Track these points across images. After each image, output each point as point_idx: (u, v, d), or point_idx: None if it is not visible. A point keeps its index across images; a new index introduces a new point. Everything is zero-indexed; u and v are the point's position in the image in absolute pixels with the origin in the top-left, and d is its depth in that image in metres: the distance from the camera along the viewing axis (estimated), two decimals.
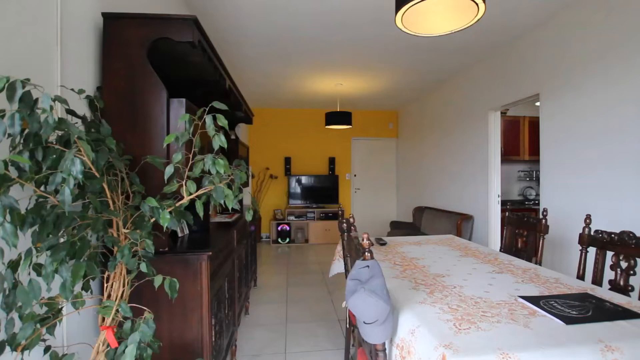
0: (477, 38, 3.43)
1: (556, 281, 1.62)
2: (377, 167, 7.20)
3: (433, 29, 1.78)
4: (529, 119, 5.01)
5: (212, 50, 2.01)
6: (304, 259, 5.21)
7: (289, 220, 6.35)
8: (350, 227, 1.83)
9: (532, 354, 0.96)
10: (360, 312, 1.19)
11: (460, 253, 2.20)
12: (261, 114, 6.58)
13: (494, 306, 1.30)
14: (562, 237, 2.90)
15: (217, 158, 1.28)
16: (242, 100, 3.08)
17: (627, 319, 1.18)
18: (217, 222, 2.53)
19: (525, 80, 3.41)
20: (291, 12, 2.87)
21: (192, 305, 1.57)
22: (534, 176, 5.30)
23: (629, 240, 1.67)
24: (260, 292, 3.67)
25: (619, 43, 2.45)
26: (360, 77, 4.76)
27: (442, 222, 4.58)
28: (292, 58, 3.95)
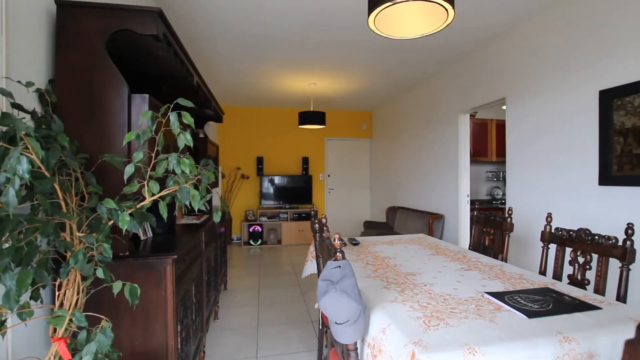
0: (448, 43, 3.53)
1: (520, 277, 1.67)
2: (351, 167, 7.25)
3: (405, 32, 1.80)
4: (496, 122, 5.22)
5: (178, 44, 1.94)
6: (277, 261, 5.15)
7: (261, 221, 6.25)
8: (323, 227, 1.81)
9: (497, 347, 0.98)
10: (332, 312, 1.17)
11: (431, 252, 2.24)
12: (232, 112, 6.45)
13: (462, 302, 1.32)
14: (526, 234, 3.03)
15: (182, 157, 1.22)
16: (212, 98, 2.99)
17: (584, 311, 1.24)
18: (184, 224, 2.44)
19: (492, 85, 3.54)
20: (264, 9, 2.82)
21: (156, 312, 1.49)
22: (500, 177, 5.52)
23: (586, 237, 1.76)
24: (231, 296, 3.58)
25: (577, 53, 2.60)
26: (334, 78, 4.77)
27: (415, 222, 4.68)
28: (265, 56, 3.89)
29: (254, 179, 6.63)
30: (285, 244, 6.28)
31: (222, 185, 6.23)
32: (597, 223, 2.38)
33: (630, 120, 2.22)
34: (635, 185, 2.18)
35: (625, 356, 0.57)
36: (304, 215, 6.41)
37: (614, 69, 2.32)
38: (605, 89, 2.36)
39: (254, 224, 6.17)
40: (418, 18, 1.73)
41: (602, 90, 2.39)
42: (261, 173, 6.54)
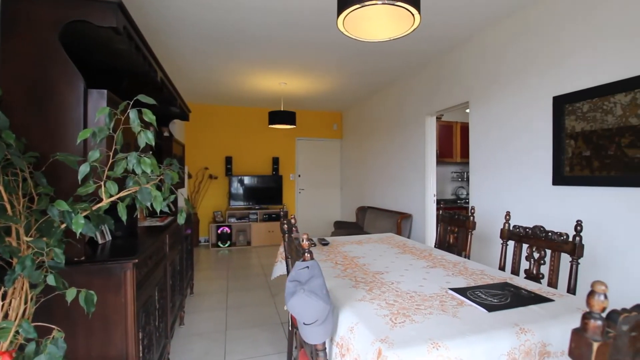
0: (415, 47, 3.63)
1: (481, 273, 1.75)
2: (322, 167, 7.27)
3: (373, 34, 1.83)
4: (460, 124, 5.44)
5: (140, 38, 1.85)
6: (246, 262, 5.07)
7: (230, 222, 6.13)
8: (292, 228, 1.80)
9: (459, 341, 1.02)
10: (300, 313, 1.17)
11: (399, 250, 2.29)
12: (200, 110, 6.28)
13: (427, 299, 1.36)
14: (488, 232, 3.17)
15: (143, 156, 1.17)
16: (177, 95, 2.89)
17: (538, 303, 1.31)
18: (146, 227, 2.34)
19: (457, 89, 3.68)
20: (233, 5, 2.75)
21: (115, 319, 1.42)
22: (465, 177, 5.76)
23: (540, 234, 1.87)
24: (198, 300, 3.48)
25: (533, 61, 2.76)
26: (305, 78, 4.77)
27: (384, 221, 4.77)
28: (234, 53, 3.81)
29: (222, 180, 6.49)
30: (255, 245, 6.20)
31: (188, 185, 6.04)
32: (551, 220, 2.54)
33: (580, 125, 2.38)
34: (585, 185, 2.34)
35: (572, 344, 0.61)
36: (274, 216, 6.35)
37: (565, 77, 2.48)
38: (558, 95, 2.53)
39: (223, 226, 6.03)
40: (386, 21, 1.77)
41: (555, 97, 2.55)
42: (230, 173, 6.40)
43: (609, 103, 2.20)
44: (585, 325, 0.59)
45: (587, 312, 0.60)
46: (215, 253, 5.70)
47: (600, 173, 2.24)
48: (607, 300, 0.58)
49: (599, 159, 2.26)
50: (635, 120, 2.05)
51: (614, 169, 2.17)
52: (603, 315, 0.60)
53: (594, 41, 2.28)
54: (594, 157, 2.29)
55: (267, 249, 5.93)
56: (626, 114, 2.10)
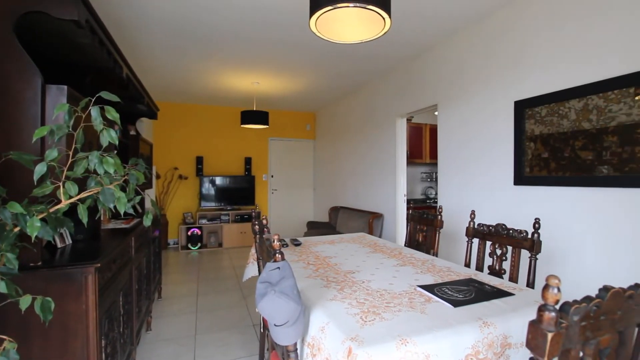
0: (387, 50, 3.70)
1: (448, 270, 1.81)
2: (295, 168, 7.26)
3: (345, 36, 1.86)
4: (429, 126, 5.61)
5: (105, 32, 1.77)
6: (217, 265, 4.96)
7: (200, 223, 5.97)
8: (263, 228, 1.78)
9: (426, 336, 1.05)
10: (271, 314, 1.16)
11: (370, 250, 2.33)
12: (169, 108, 6.09)
13: (396, 297, 1.39)
14: (455, 230, 3.29)
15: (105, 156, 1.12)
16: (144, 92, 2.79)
17: (500, 297, 1.38)
18: (110, 229, 2.23)
19: (426, 91, 3.79)
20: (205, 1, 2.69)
21: (76, 327, 1.34)
22: (434, 177, 5.94)
23: (502, 232, 1.97)
24: (166, 304, 3.37)
25: (496, 67, 2.89)
26: (278, 78, 4.74)
27: (356, 221, 4.82)
28: (205, 50, 3.72)
29: (193, 180, 6.32)
30: (227, 246, 6.08)
31: (156, 186, 5.84)
32: (513, 218, 2.67)
33: (538, 128, 2.53)
34: (543, 185, 2.49)
35: (529, 335, 0.65)
36: (246, 217, 6.26)
37: (525, 83, 2.62)
38: (519, 100, 2.66)
39: (193, 227, 5.87)
40: (358, 24, 1.80)
41: (516, 101, 2.69)
42: (201, 173, 6.25)
43: (564, 108, 2.34)
44: (540, 317, 0.63)
45: (542, 304, 0.64)
46: (185, 255, 5.54)
47: (557, 174, 2.39)
48: (560, 293, 0.63)
49: (555, 160, 2.40)
50: (587, 124, 2.20)
51: (569, 170, 2.31)
52: (557, 307, 0.64)
53: (551, 50, 2.43)
54: (551, 159, 2.43)
55: (239, 251, 5.84)
56: (579, 118, 2.25)
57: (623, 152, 2.01)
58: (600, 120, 2.12)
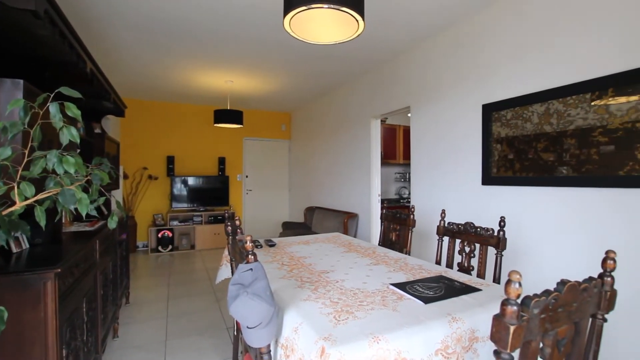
0: (362, 52, 3.74)
1: (420, 267, 1.86)
2: (270, 168, 7.19)
3: (319, 37, 1.86)
4: (403, 127, 5.73)
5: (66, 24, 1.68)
6: (189, 267, 4.83)
7: (172, 225, 5.79)
8: (236, 229, 1.76)
9: (397, 333, 1.07)
10: (243, 316, 1.14)
11: (344, 249, 2.34)
12: (139, 106, 5.87)
13: (369, 295, 1.41)
14: (427, 229, 3.38)
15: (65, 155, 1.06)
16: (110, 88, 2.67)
17: (468, 293, 1.42)
18: (73, 232, 2.12)
19: (400, 94, 3.87)
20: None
21: (33, 336, 1.27)
22: (407, 177, 6.07)
23: (470, 230, 2.04)
24: (134, 310, 3.24)
25: (465, 71, 2.99)
26: (252, 77, 4.68)
27: (331, 221, 4.85)
28: (176, 47, 3.61)
29: (163, 180, 6.12)
30: (200, 248, 5.94)
31: (124, 187, 5.61)
32: (481, 217, 2.77)
33: (504, 131, 2.64)
34: (509, 184, 2.60)
35: (493, 329, 0.67)
36: (220, 218, 6.13)
37: (492, 87, 2.73)
38: (487, 103, 2.77)
39: (164, 229, 5.68)
40: (332, 25, 1.81)
41: (484, 104, 2.79)
42: (172, 173, 6.06)
43: (527, 112, 2.46)
44: (503, 311, 0.66)
45: (505, 299, 0.66)
46: (155, 258, 5.35)
47: (521, 174, 2.50)
48: (521, 287, 0.65)
49: (520, 161, 2.52)
50: (549, 127, 2.32)
51: (532, 171, 2.43)
52: (518, 301, 0.67)
53: (516, 57, 2.54)
54: (516, 160, 2.55)
55: (212, 253, 5.72)
56: (541, 122, 2.37)
57: (580, 154, 2.13)
58: (560, 123, 2.25)
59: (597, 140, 2.04)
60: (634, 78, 1.87)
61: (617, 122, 1.95)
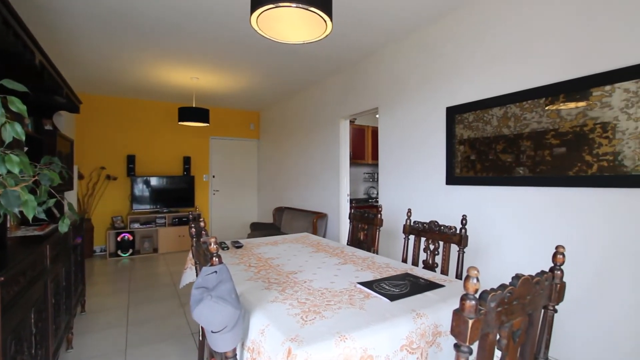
0: (331, 53, 3.76)
1: (387, 266, 1.89)
2: (238, 168, 7.05)
3: (287, 36, 1.85)
4: (371, 128, 5.83)
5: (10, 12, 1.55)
6: (152, 272, 4.63)
7: (132, 228, 5.52)
8: (201, 231, 1.70)
9: (363, 331, 1.08)
10: (208, 321, 1.10)
11: (313, 249, 2.34)
12: (96, 102, 5.54)
13: (337, 294, 1.41)
14: (394, 228, 3.45)
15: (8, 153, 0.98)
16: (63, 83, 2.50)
17: (432, 289, 1.47)
18: (20, 237, 1.96)
19: (368, 95, 3.93)
20: None
21: None
22: (375, 177, 6.18)
23: (435, 228, 2.10)
24: (91, 319, 3.05)
25: (430, 74, 3.09)
26: (219, 74, 4.56)
27: (300, 221, 4.83)
28: (137, 40, 3.45)
29: (123, 181, 5.82)
30: (163, 252, 5.70)
31: (79, 187, 5.28)
32: (445, 216, 2.88)
33: (466, 133, 2.75)
34: (471, 184, 2.71)
35: (453, 323, 0.70)
36: (185, 220, 5.93)
37: (456, 90, 2.84)
38: (450, 106, 2.88)
39: (124, 232, 5.40)
40: (300, 25, 1.80)
41: (448, 107, 2.90)
42: (133, 173, 5.77)
43: (488, 115, 2.58)
44: (462, 306, 0.68)
45: (464, 294, 0.68)
46: (114, 263, 5.07)
47: (482, 174, 2.62)
48: (478, 283, 0.68)
49: (481, 162, 2.64)
50: (507, 130, 2.45)
51: (492, 171, 2.56)
52: (476, 295, 0.69)
53: (477, 62, 2.66)
54: (478, 161, 2.67)
55: (176, 256, 5.51)
56: (500, 125, 2.50)
57: (535, 156, 2.27)
58: (517, 126, 2.38)
59: (550, 142, 2.18)
60: (581, 85, 2.02)
61: (567, 125, 2.09)
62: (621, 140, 1.85)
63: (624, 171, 1.84)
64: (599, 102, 1.94)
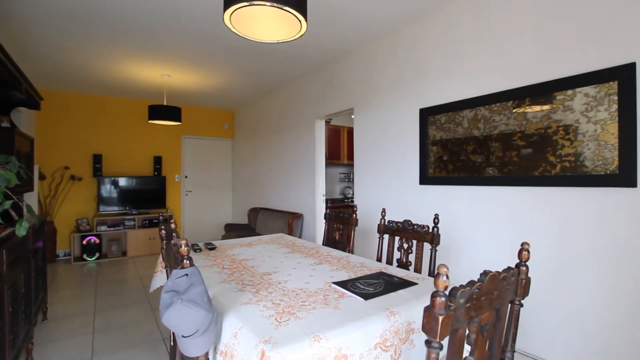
0: (306, 53, 3.75)
1: (362, 265, 1.90)
2: (212, 168, 6.90)
3: (261, 35, 1.83)
4: (347, 129, 5.87)
5: None
6: (121, 276, 4.44)
7: (99, 231, 5.27)
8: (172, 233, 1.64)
9: (338, 331, 1.08)
10: (178, 325, 1.07)
11: (288, 250, 2.32)
12: (59, 98, 5.27)
13: (311, 295, 1.40)
14: (369, 227, 3.49)
15: None
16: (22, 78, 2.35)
17: (406, 287, 1.49)
18: None
19: (344, 95, 3.95)
20: None
21: None
22: (351, 177, 6.23)
23: (408, 227, 2.14)
24: (53, 327, 2.89)
25: (404, 77, 3.15)
26: (192, 72, 4.45)
27: (276, 222, 4.79)
28: (106, 36, 3.30)
29: (89, 181, 5.55)
30: (132, 255, 5.49)
31: (40, 188, 4.99)
32: (419, 215, 2.94)
33: (439, 134, 2.83)
34: (443, 184, 2.78)
35: (424, 320, 0.71)
36: (155, 222, 5.73)
37: (429, 92, 2.91)
38: (423, 107, 2.95)
39: (90, 235, 5.16)
40: (274, 24, 1.78)
41: (421, 109, 2.96)
42: (100, 174, 5.52)
43: (459, 117, 2.66)
44: (433, 303, 0.69)
45: (435, 291, 0.70)
46: (79, 268, 4.83)
47: (454, 174, 2.70)
48: (448, 280, 0.69)
49: (452, 162, 2.72)
50: (477, 131, 2.53)
51: (463, 171, 2.64)
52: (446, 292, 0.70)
53: (449, 65, 2.74)
54: (449, 161, 2.74)
55: (146, 259, 5.32)
56: (470, 126, 2.58)
57: (504, 156, 2.36)
58: (487, 128, 2.47)
59: (517, 143, 2.28)
60: (545, 89, 2.12)
61: (533, 127, 2.19)
62: (582, 142, 1.96)
63: (584, 171, 1.95)
64: (562, 106, 2.05)
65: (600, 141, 1.88)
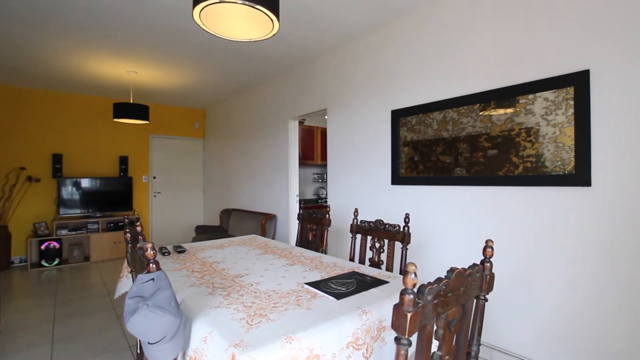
0: (279, 52, 3.72)
1: (334, 265, 1.91)
2: (182, 168, 6.70)
3: (233, 33, 1.80)
4: (321, 129, 5.88)
5: None
6: (83, 282, 4.21)
7: (59, 235, 4.97)
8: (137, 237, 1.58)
9: (310, 331, 1.08)
10: (144, 332, 1.03)
11: (261, 251, 2.29)
12: (15, 94, 4.93)
13: (284, 296, 1.39)
14: (342, 227, 3.51)
15: None
16: None
17: (377, 286, 1.51)
18: None
19: (317, 95, 3.95)
20: None
21: None
22: (324, 178, 6.24)
23: (380, 227, 2.17)
24: (7, 339, 2.69)
25: (376, 78, 3.20)
26: (160, 69, 4.30)
27: (248, 223, 4.72)
28: (66, 28, 3.11)
29: (48, 183, 5.23)
30: (96, 260, 5.22)
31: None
32: (391, 215, 2.99)
33: (410, 135, 2.89)
34: (414, 184, 2.85)
35: (393, 317, 0.72)
36: (121, 225, 5.48)
37: (400, 94, 2.97)
38: (395, 109, 3.00)
39: (49, 240, 4.85)
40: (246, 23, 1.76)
41: (393, 110, 3.02)
42: (60, 174, 5.21)
43: (429, 119, 2.74)
44: (402, 300, 0.70)
45: (403, 289, 0.71)
46: (37, 275, 4.53)
47: (424, 174, 2.77)
48: (416, 277, 0.71)
49: (423, 163, 2.79)
50: (446, 133, 2.61)
51: (433, 171, 2.71)
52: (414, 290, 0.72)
53: (419, 67, 2.81)
54: (420, 162, 2.81)
55: (112, 264, 5.08)
56: (440, 128, 2.66)
57: (471, 157, 2.45)
58: (455, 130, 2.55)
59: (483, 145, 2.37)
60: (509, 93, 2.22)
61: (497, 130, 2.29)
62: (542, 144, 2.07)
63: (544, 171, 2.06)
64: (524, 109, 2.15)
65: (559, 143, 2.00)
